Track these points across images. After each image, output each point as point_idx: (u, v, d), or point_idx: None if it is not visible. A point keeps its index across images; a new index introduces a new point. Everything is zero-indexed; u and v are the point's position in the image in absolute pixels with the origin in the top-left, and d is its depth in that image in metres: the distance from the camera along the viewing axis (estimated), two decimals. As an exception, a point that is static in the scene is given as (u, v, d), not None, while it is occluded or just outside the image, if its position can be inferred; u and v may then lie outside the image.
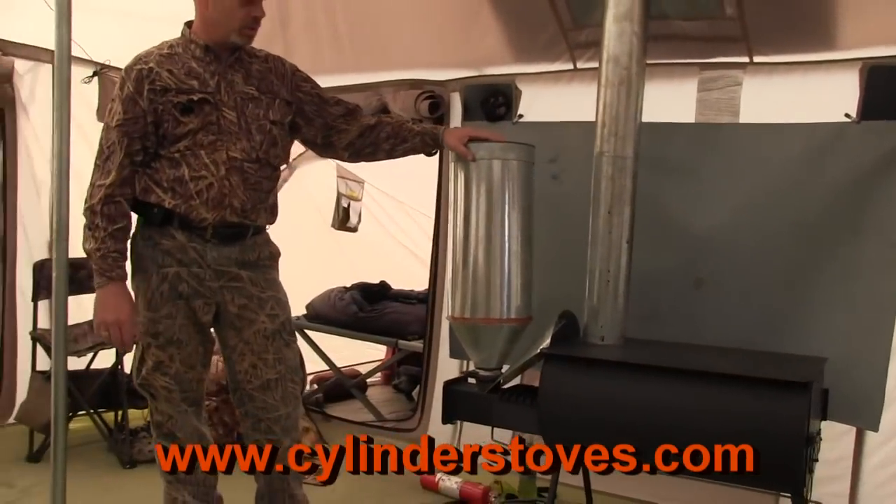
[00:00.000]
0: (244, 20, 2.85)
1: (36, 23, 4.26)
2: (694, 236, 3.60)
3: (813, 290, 3.40)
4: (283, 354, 3.02)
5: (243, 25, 2.86)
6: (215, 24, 2.86)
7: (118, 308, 2.80)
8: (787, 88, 3.55)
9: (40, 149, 4.81)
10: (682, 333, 3.44)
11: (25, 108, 4.77)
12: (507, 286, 3.14)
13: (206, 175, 2.82)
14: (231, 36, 2.86)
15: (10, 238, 4.76)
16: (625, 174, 3.20)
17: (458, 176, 3.18)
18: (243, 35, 2.88)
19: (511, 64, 4.22)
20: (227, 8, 2.81)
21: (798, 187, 3.42)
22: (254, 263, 2.97)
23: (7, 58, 4.60)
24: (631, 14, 3.16)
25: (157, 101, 2.80)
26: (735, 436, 2.72)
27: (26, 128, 4.78)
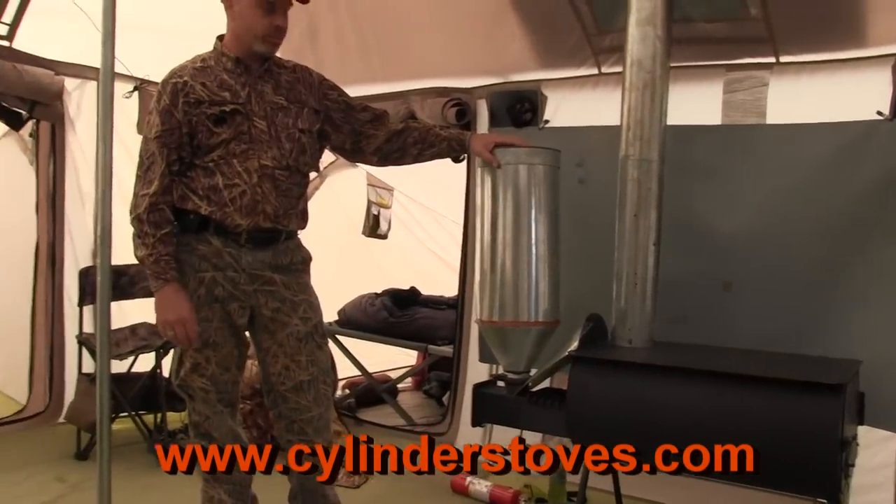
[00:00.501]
0: (267, 29, 2.90)
1: (82, 42, 4.41)
2: (722, 238, 3.59)
3: (845, 291, 3.37)
4: (316, 356, 3.07)
5: (266, 34, 2.91)
6: (242, 35, 2.93)
7: (178, 307, 2.88)
8: (815, 88, 3.54)
9: (85, 161, 4.99)
10: (711, 336, 3.43)
11: (73, 123, 4.95)
12: (535, 289, 3.15)
13: (240, 183, 2.89)
14: (255, 45, 2.92)
15: (58, 246, 4.94)
16: (650, 177, 3.21)
17: (484, 181, 3.21)
18: (266, 43, 2.94)
19: (536, 70, 4.26)
20: (251, 18, 2.88)
21: (828, 188, 3.39)
22: (286, 267, 3.03)
23: (58, 77, 4.79)
24: (654, 18, 3.17)
25: (192, 113, 2.87)
26: (767, 439, 2.70)
27: (73, 141, 4.97)
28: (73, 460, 4.43)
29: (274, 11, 2.89)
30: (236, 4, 2.90)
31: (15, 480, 4.12)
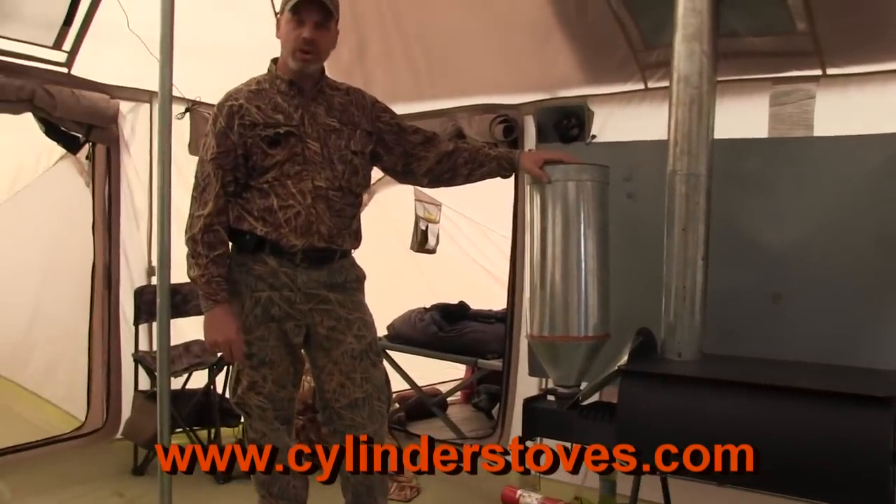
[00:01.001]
0: (296, 42, 2.95)
1: (136, 66, 4.59)
2: (771, 251, 3.58)
3: (894, 305, 3.34)
4: (370, 374, 3.13)
5: (295, 48, 2.96)
6: (284, 54, 3.00)
7: (227, 328, 2.95)
8: (863, 100, 3.52)
9: (140, 182, 5.12)
10: (761, 348, 3.43)
11: (127, 145, 5.08)
12: (585, 304, 3.18)
13: (294, 204, 2.96)
14: (290, 61, 2.98)
15: (114, 266, 5.06)
16: (698, 191, 3.23)
17: (534, 198, 3.25)
18: (297, 58, 2.98)
19: (583, 86, 4.28)
20: (285, 34, 2.97)
21: (877, 198, 3.37)
22: (341, 286, 3.09)
23: (114, 101, 4.92)
24: (700, 34, 3.20)
25: (247, 136, 2.94)
26: (817, 451, 2.71)
27: (128, 163, 5.09)
28: (131, 475, 4.53)
29: (303, 24, 2.94)
30: (280, 24, 3.00)
31: (75, 495, 4.22)
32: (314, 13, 2.95)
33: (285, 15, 2.96)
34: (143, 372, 4.70)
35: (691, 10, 3.22)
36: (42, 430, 4.99)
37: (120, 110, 4.97)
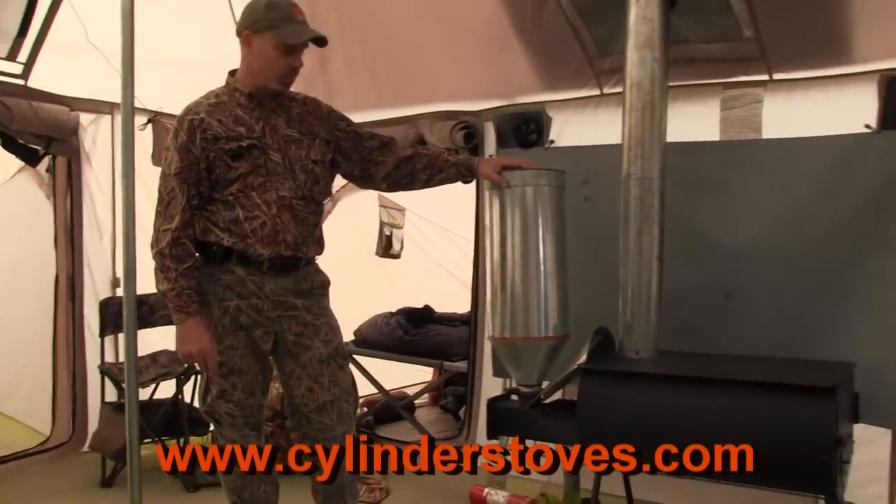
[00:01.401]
0: (284, 69, 3.04)
1: (96, 78, 4.59)
2: (723, 250, 3.69)
3: (842, 298, 3.45)
4: (338, 377, 3.21)
5: (283, 74, 3.05)
6: (258, 73, 3.05)
7: (200, 339, 3.01)
8: (807, 103, 3.63)
9: (102, 194, 5.12)
10: (715, 344, 3.55)
11: (88, 157, 5.07)
12: (544, 306, 3.27)
13: (260, 214, 3.03)
14: (271, 83, 3.05)
15: (77, 278, 5.04)
16: (652, 194, 3.33)
17: (493, 203, 3.33)
18: (281, 83, 3.08)
19: (540, 92, 4.36)
20: (270, 59, 3.01)
21: (823, 198, 3.49)
22: (308, 292, 3.16)
23: (74, 113, 4.91)
24: (651, 42, 3.30)
25: (209, 149, 3.00)
26: (768, 440, 2.83)
27: (89, 175, 5.08)
28: (100, 488, 4.55)
29: (292, 53, 3.03)
30: (255, 43, 3.02)
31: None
32: (304, 44, 3.05)
33: (271, 41, 3.00)
34: (110, 383, 4.72)
35: (642, 19, 3.33)
36: (5, 447, 4.93)
37: (80, 122, 4.96)
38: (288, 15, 3.01)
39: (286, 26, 2.99)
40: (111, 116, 5.06)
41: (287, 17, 3.01)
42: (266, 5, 3.01)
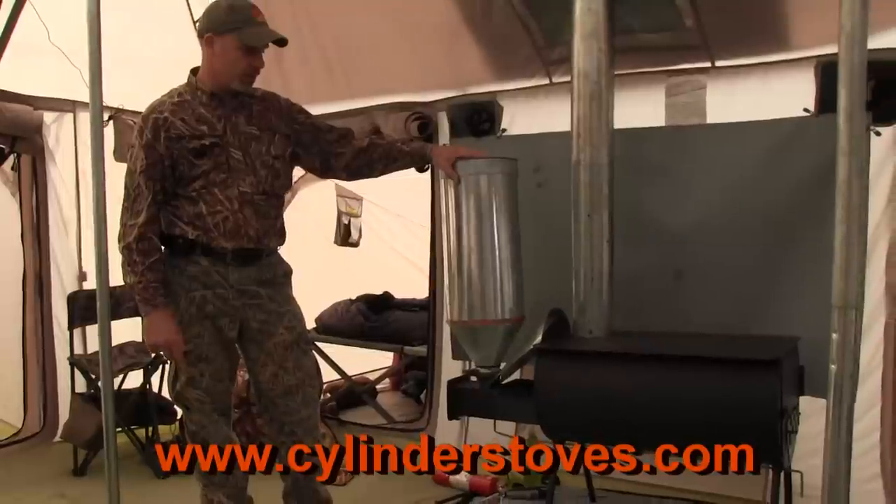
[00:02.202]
0: (246, 70, 3.12)
1: (58, 77, 4.65)
2: (672, 232, 3.79)
3: (786, 276, 3.57)
4: (302, 362, 3.31)
5: (244, 74, 3.13)
6: (220, 72, 3.13)
7: (166, 330, 3.10)
8: (748, 89, 3.78)
9: (67, 191, 5.19)
10: (666, 323, 3.67)
11: (52, 155, 5.14)
12: (500, 289, 3.39)
13: (222, 210, 3.12)
14: (233, 83, 3.13)
15: (44, 273, 5.12)
16: (601, 180, 3.46)
17: (448, 191, 3.43)
18: (243, 82, 3.16)
19: (492, 82, 4.48)
20: (231, 58, 3.09)
21: (765, 180, 3.60)
22: (270, 282, 3.26)
23: (37, 112, 4.97)
24: (597, 32, 3.42)
25: (174, 148, 3.08)
26: (715, 413, 2.98)
27: (54, 172, 5.15)
28: (72, 477, 4.61)
29: (254, 54, 3.11)
30: (217, 44, 3.09)
31: (16, 498, 4.30)
32: (265, 44, 3.14)
33: (233, 42, 3.07)
34: (81, 375, 4.76)
35: (588, 10, 3.44)
36: (-23, 441, 5.00)
37: (44, 121, 5.01)
38: (249, 17, 3.09)
39: (248, 28, 3.08)
40: (73, 114, 5.13)
41: (248, 20, 3.09)
42: (227, 8, 3.09)
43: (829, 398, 1.75)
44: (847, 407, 1.68)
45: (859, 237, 1.72)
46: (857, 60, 1.61)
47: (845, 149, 1.64)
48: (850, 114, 1.63)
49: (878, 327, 3.54)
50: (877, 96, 3.35)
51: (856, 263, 1.67)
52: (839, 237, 1.68)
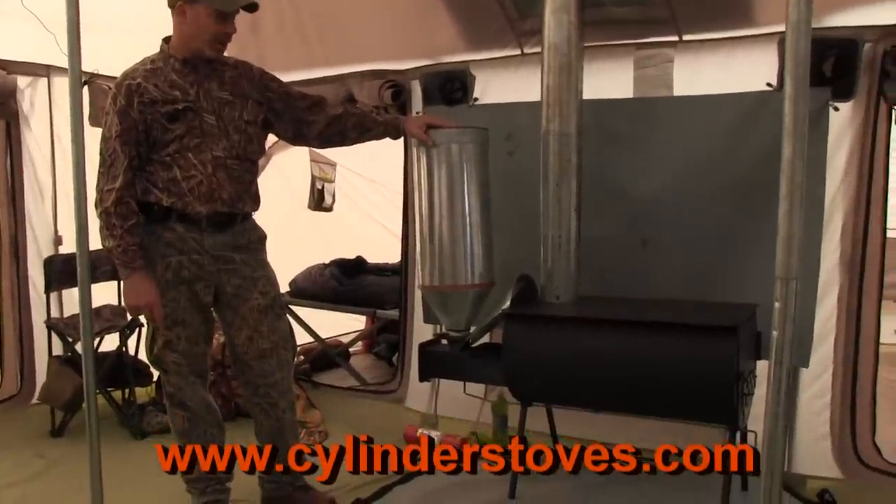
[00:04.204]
0: (217, 35, 3.17)
1: (32, 41, 4.62)
2: (638, 201, 3.92)
3: (747, 244, 3.70)
4: (276, 326, 3.39)
5: (215, 40, 3.18)
6: (191, 39, 3.17)
7: (146, 293, 3.17)
8: (714, 63, 3.86)
9: (42, 155, 5.18)
10: (632, 289, 3.80)
11: (27, 119, 5.13)
12: (470, 255, 3.51)
13: (196, 174, 3.18)
14: (205, 50, 3.18)
15: (20, 237, 5.13)
16: (570, 149, 3.57)
17: (420, 159, 3.53)
18: (214, 48, 3.20)
19: (465, 52, 4.54)
20: (203, 25, 3.13)
21: (729, 151, 3.72)
22: (245, 247, 3.33)
23: (11, 76, 4.95)
24: (567, 6, 3.51)
25: (147, 112, 3.13)
26: (676, 376, 3.13)
27: (28, 137, 5.14)
28: (50, 438, 4.66)
29: (225, 20, 3.16)
30: (189, 12, 3.13)
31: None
32: (236, 10, 3.18)
33: (205, 10, 3.11)
34: (57, 338, 4.81)
35: (559, -16, 3.53)
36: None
37: (17, 85, 5.00)
38: None
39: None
40: (48, 79, 5.11)
41: None
42: None
43: (771, 361, 1.86)
44: (787, 370, 1.80)
45: (801, 212, 1.82)
46: (801, 52, 1.71)
47: (790, 130, 1.73)
48: (794, 99, 1.73)
49: (832, 295, 3.67)
50: (836, 73, 3.47)
51: (797, 237, 1.77)
52: (782, 212, 1.80)
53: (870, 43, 3.50)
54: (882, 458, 3.68)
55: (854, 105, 3.57)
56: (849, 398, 3.72)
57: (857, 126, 3.59)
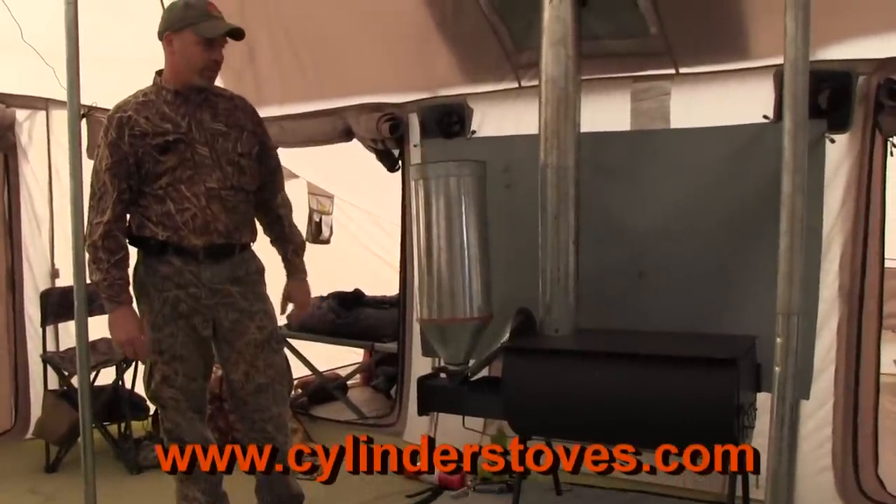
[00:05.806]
0: (205, 63, 3.17)
1: (30, 74, 4.64)
2: (636, 233, 3.91)
3: (745, 277, 3.69)
4: (273, 361, 3.38)
5: (204, 68, 3.18)
6: (182, 70, 3.18)
7: (129, 328, 3.16)
8: (710, 95, 3.88)
9: (39, 188, 5.19)
10: (630, 321, 3.78)
11: (25, 152, 5.14)
12: (469, 288, 3.50)
13: (190, 207, 3.17)
14: (195, 79, 3.19)
15: (17, 270, 5.12)
16: (567, 182, 3.58)
17: (418, 192, 3.54)
18: (204, 77, 3.21)
19: (462, 85, 4.56)
20: (190, 53, 3.14)
21: (726, 183, 3.73)
22: (243, 279, 3.32)
23: (9, 109, 4.98)
24: (565, 40, 3.53)
25: (138, 145, 3.13)
26: (676, 408, 3.10)
27: (26, 170, 5.15)
28: (44, 473, 4.60)
29: (212, 47, 3.17)
30: (176, 42, 3.15)
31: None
32: (223, 37, 3.19)
33: (191, 37, 3.13)
34: (53, 372, 4.79)
35: (556, 18, 3.56)
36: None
37: (16, 118, 5.02)
38: (204, 12, 3.16)
39: (203, 22, 3.14)
40: (46, 112, 5.13)
41: (203, 14, 3.15)
42: (183, 6, 3.17)
43: (774, 396, 1.86)
44: (789, 405, 1.79)
45: (802, 247, 1.82)
46: (799, 89, 1.72)
47: (790, 165, 1.74)
48: (793, 135, 1.73)
49: (832, 326, 3.66)
50: (832, 105, 3.48)
51: (798, 272, 1.77)
52: (783, 248, 1.80)
53: (864, 76, 3.52)
54: (885, 490, 3.64)
55: (850, 137, 3.58)
56: (850, 430, 3.68)
57: (853, 157, 3.59)
